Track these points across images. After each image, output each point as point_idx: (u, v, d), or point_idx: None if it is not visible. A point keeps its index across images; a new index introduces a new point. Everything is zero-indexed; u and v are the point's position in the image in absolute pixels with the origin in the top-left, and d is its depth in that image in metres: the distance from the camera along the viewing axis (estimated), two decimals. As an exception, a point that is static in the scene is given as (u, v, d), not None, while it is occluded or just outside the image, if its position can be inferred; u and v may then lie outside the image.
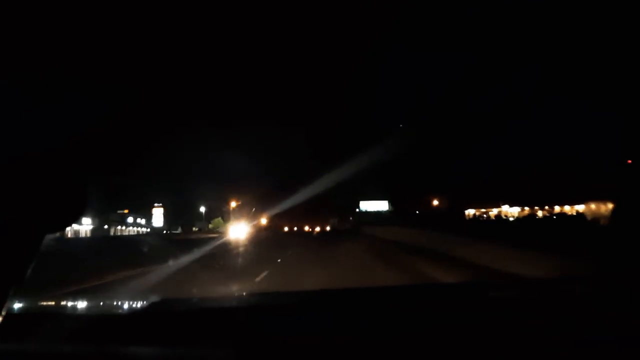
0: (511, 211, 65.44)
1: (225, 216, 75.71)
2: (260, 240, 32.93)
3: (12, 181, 0.74)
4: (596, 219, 25.57)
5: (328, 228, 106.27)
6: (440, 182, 78.60)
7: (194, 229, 68.65)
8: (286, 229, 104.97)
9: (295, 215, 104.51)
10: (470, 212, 71.45)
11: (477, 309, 1.33)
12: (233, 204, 72.90)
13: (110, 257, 14.91)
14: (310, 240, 33.65)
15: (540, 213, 58.98)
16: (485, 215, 68.24)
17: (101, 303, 2.05)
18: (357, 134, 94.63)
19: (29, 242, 0.76)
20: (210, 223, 76.98)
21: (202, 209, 68.62)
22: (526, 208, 63.60)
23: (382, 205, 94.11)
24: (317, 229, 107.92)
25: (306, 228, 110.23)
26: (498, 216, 65.03)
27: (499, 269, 8.82)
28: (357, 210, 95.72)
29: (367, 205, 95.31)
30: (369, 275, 10.19)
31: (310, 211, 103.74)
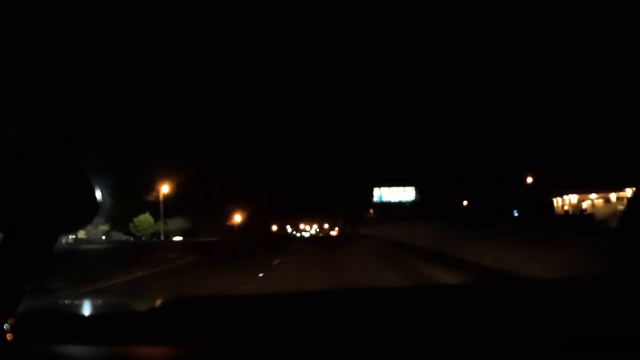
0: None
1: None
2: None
3: (25, 180, 0.72)
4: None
5: (326, 226, 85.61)
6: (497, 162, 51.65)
7: (81, 234, 40.49)
8: (275, 228, 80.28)
9: (290, 211, 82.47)
10: (567, 199, 40.35)
11: (477, 310, 1.36)
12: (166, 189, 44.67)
13: None
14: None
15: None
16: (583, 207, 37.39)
17: (105, 302, 2.17)
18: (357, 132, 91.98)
19: (43, 242, 0.76)
20: (106, 225, 47.86)
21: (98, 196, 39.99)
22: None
23: (406, 194, 65.67)
24: (317, 229, 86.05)
25: (301, 227, 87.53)
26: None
27: None
28: (374, 201, 67.69)
29: (386, 194, 66.70)
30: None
31: (308, 207, 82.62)
